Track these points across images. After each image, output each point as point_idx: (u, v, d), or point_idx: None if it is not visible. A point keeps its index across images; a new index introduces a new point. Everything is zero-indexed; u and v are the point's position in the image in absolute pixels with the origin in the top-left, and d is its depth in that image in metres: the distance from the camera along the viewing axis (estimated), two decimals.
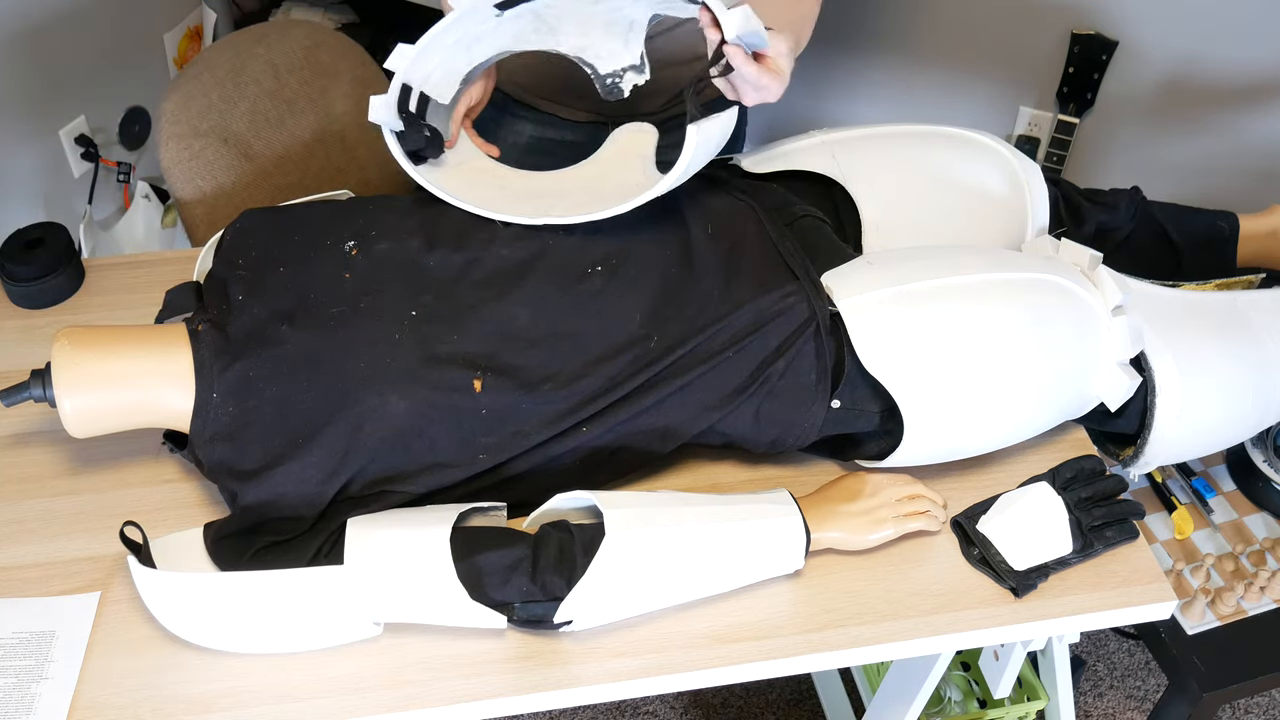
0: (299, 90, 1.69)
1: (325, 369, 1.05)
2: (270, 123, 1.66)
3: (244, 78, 1.64)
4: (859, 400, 1.14)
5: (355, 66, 1.76)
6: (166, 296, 1.17)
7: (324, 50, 1.73)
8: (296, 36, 1.71)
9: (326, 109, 1.73)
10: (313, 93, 1.71)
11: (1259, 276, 1.49)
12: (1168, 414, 1.21)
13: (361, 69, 1.77)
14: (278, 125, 1.67)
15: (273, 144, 1.67)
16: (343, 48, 1.75)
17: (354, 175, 1.78)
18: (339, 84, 1.74)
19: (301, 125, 1.70)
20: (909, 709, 1.35)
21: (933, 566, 1.14)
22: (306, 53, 1.70)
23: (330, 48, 1.74)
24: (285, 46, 1.69)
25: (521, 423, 1.07)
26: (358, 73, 1.76)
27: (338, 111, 1.74)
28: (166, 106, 1.57)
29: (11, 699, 1.01)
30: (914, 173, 1.31)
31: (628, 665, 1.05)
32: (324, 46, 1.73)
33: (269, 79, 1.66)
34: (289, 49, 1.69)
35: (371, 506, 1.05)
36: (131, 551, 1.01)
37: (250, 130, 1.64)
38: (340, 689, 1.03)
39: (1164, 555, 1.52)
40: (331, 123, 1.73)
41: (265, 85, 1.66)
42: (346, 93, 1.74)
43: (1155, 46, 2.10)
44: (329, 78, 1.73)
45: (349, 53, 1.76)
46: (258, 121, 1.65)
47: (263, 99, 1.65)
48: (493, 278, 1.13)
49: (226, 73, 1.63)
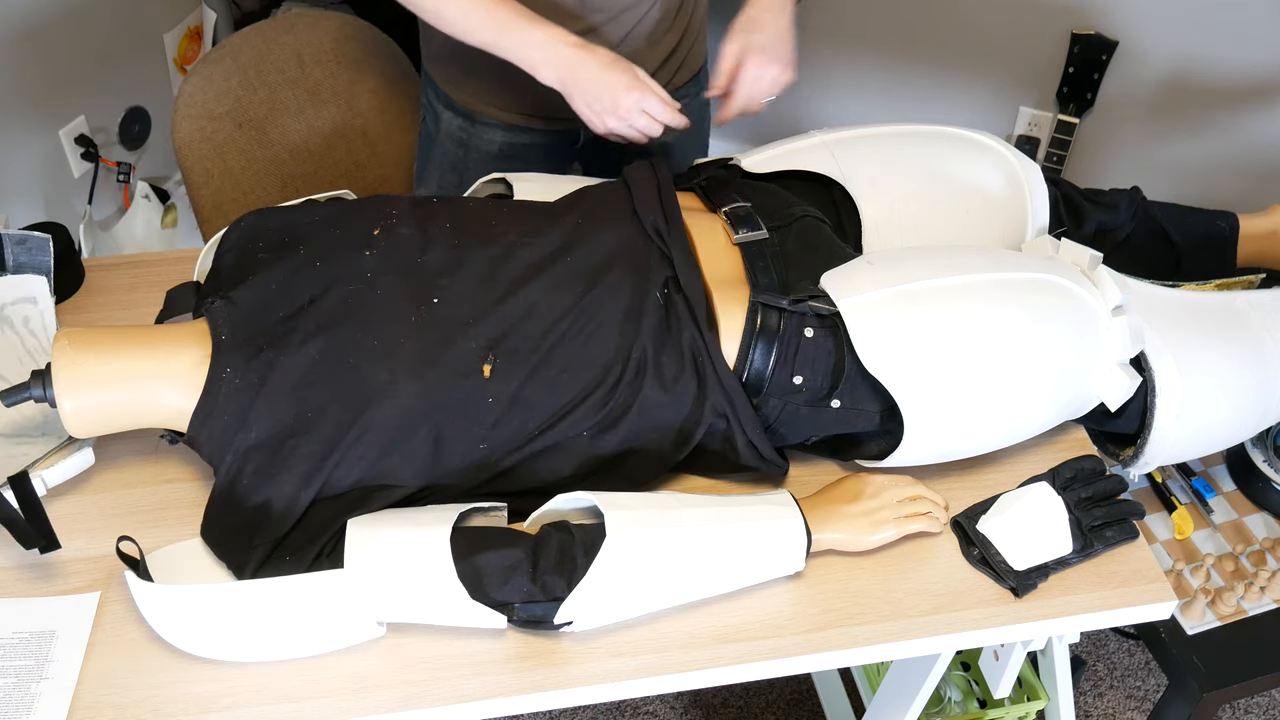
0: (323, 81, 1.68)
1: (338, 345, 1.05)
2: (290, 111, 1.65)
3: (266, 65, 1.63)
4: (859, 400, 1.14)
5: (385, 62, 1.74)
6: (167, 296, 1.17)
7: (354, 44, 1.71)
8: (327, 28, 1.70)
9: (351, 102, 1.71)
10: (338, 85, 1.70)
11: (1259, 276, 1.49)
12: (1168, 414, 1.21)
13: (392, 66, 1.75)
14: (297, 114, 1.66)
15: (289, 133, 1.66)
16: (375, 43, 1.74)
17: (374, 171, 1.77)
18: (366, 78, 1.72)
19: (323, 117, 1.69)
20: (909, 709, 1.36)
21: (933, 567, 1.14)
22: (335, 45, 1.69)
23: (360, 42, 1.72)
24: (314, 37, 1.68)
25: (528, 412, 1.07)
26: (388, 70, 1.74)
27: (363, 106, 1.72)
28: (185, 87, 1.58)
29: (11, 699, 1.01)
30: (914, 173, 1.31)
31: (627, 665, 1.06)
32: (354, 40, 1.72)
33: (293, 68, 1.65)
34: (318, 39, 1.68)
35: (371, 503, 1.05)
36: (129, 566, 1.01)
37: (268, 117, 1.64)
38: (340, 689, 1.03)
39: (1164, 555, 1.52)
40: (355, 116, 1.72)
41: (289, 74, 1.65)
42: (374, 88, 1.73)
43: (1155, 46, 2.10)
44: (356, 70, 1.71)
45: (381, 49, 1.74)
46: (276, 109, 1.65)
47: (284, 87, 1.65)
48: (514, 271, 1.13)
49: (250, 59, 1.62)
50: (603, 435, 1.11)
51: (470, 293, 1.11)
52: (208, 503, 1.07)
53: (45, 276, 1.26)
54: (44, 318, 1.25)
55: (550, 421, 1.09)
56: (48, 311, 1.25)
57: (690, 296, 1.13)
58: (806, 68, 2.50)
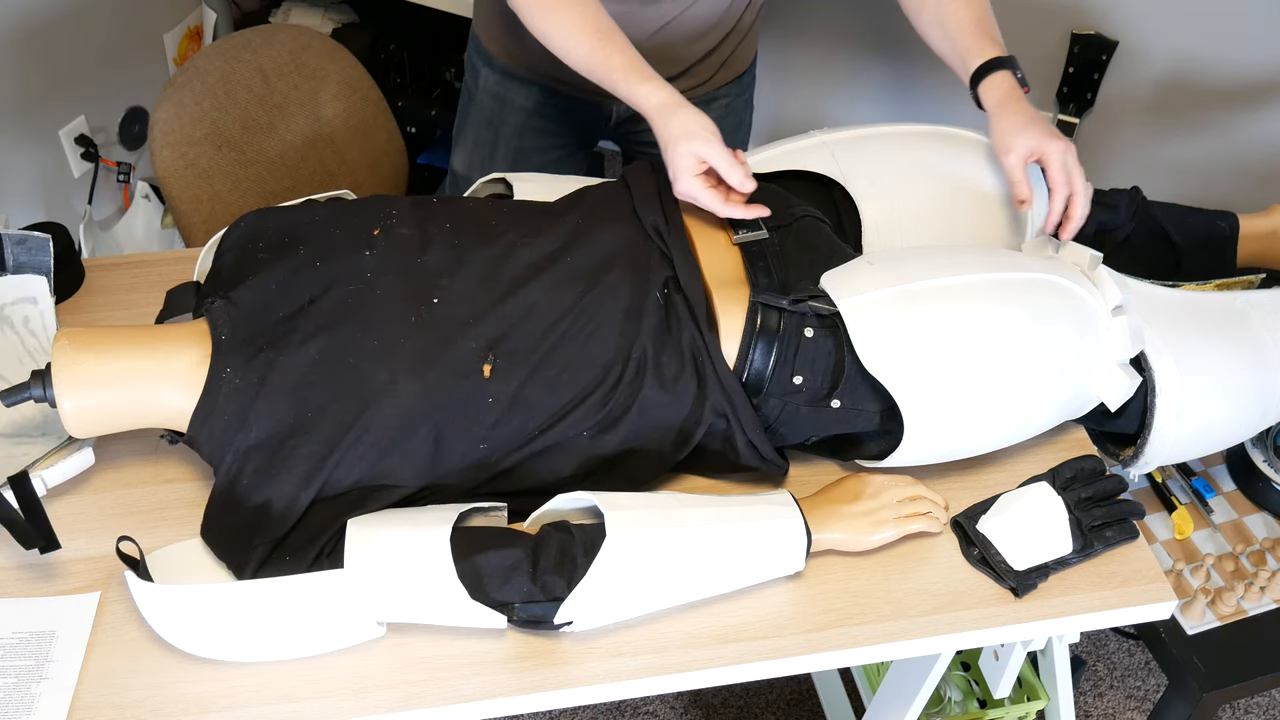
0: (289, 94, 1.69)
1: (338, 345, 1.05)
2: (262, 128, 1.66)
3: (234, 84, 1.64)
4: (859, 400, 1.14)
5: (343, 69, 1.76)
6: (167, 296, 1.17)
7: (310, 54, 1.73)
8: (283, 41, 1.71)
9: (316, 112, 1.73)
10: (302, 96, 1.71)
11: (1259, 276, 1.49)
12: (1168, 414, 1.21)
13: (349, 70, 1.77)
14: (269, 130, 1.67)
15: (265, 149, 1.67)
16: (329, 50, 1.76)
17: (346, 179, 1.78)
18: (327, 86, 1.74)
19: (293, 130, 1.70)
20: (909, 709, 1.35)
21: (933, 566, 1.14)
22: (293, 56, 1.70)
23: (316, 51, 1.74)
24: (272, 51, 1.69)
25: (528, 412, 1.07)
26: (345, 75, 1.76)
27: (327, 115, 1.74)
28: (158, 116, 1.57)
29: (11, 699, 1.01)
30: (914, 173, 1.31)
31: (627, 665, 1.06)
32: (310, 50, 1.73)
33: (258, 84, 1.66)
34: (276, 53, 1.69)
35: (371, 503, 1.05)
36: (129, 566, 1.01)
37: (243, 136, 1.64)
38: (340, 689, 1.03)
39: (1164, 555, 1.52)
40: (322, 126, 1.73)
41: (255, 91, 1.66)
42: (335, 94, 1.75)
43: (1155, 46, 2.10)
44: (317, 80, 1.73)
45: (336, 55, 1.76)
46: (250, 127, 1.65)
47: (253, 104, 1.65)
48: (515, 271, 1.13)
49: (217, 79, 1.63)
50: (603, 435, 1.11)
51: (470, 293, 1.11)
52: (208, 503, 1.07)
53: (45, 276, 1.26)
54: (44, 318, 1.25)
55: (550, 421, 1.09)
56: (48, 311, 1.25)
57: (690, 296, 1.13)
58: (807, 68, 2.50)
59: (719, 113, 1.61)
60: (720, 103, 1.60)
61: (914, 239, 1.30)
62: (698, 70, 1.52)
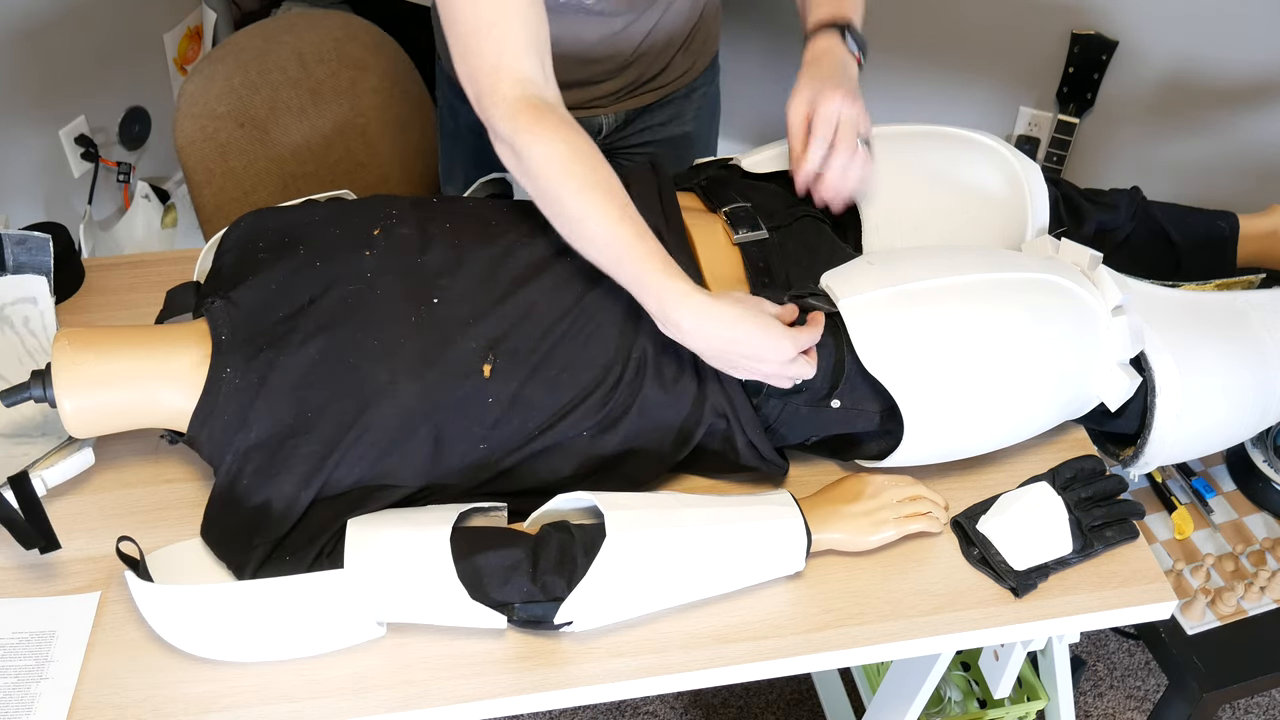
0: (325, 81, 1.68)
1: (338, 345, 1.05)
2: (291, 111, 1.65)
3: (269, 64, 1.63)
4: (859, 400, 1.14)
5: (387, 61, 1.74)
6: (167, 296, 1.17)
7: (354, 43, 1.72)
8: (328, 27, 1.70)
9: (353, 102, 1.71)
10: (340, 84, 1.70)
11: (1259, 276, 1.49)
12: (1168, 414, 1.21)
13: (393, 64, 1.75)
14: (299, 114, 1.66)
15: (291, 132, 1.66)
16: (376, 42, 1.74)
17: (374, 171, 1.77)
18: (367, 78, 1.72)
19: (324, 116, 1.69)
20: (909, 709, 1.35)
21: (933, 566, 1.14)
22: (336, 44, 1.69)
23: (361, 41, 1.73)
24: (314, 36, 1.68)
25: (528, 412, 1.07)
26: (388, 68, 1.74)
27: (364, 105, 1.72)
28: (187, 87, 1.58)
29: (11, 699, 1.01)
30: (914, 173, 1.31)
31: (627, 665, 1.06)
32: (355, 40, 1.72)
33: (294, 67, 1.65)
34: (318, 39, 1.68)
35: (371, 503, 1.05)
36: (129, 566, 1.01)
37: (269, 116, 1.63)
38: (340, 689, 1.03)
39: (1164, 555, 1.52)
40: (356, 116, 1.72)
41: (290, 73, 1.65)
42: (374, 87, 1.73)
43: (1155, 46, 2.10)
44: (358, 70, 1.71)
45: (383, 48, 1.75)
46: (278, 108, 1.65)
47: (286, 86, 1.65)
48: (515, 271, 1.13)
49: (252, 58, 1.62)
50: (603, 435, 1.11)
51: (470, 293, 1.11)
52: (208, 503, 1.07)
53: (45, 276, 1.26)
54: (44, 318, 1.25)
55: (550, 421, 1.09)
56: (48, 311, 1.25)
57: None
58: None
59: (700, 101, 1.60)
60: (700, 91, 1.60)
61: (914, 239, 1.30)
62: (679, 64, 1.52)
